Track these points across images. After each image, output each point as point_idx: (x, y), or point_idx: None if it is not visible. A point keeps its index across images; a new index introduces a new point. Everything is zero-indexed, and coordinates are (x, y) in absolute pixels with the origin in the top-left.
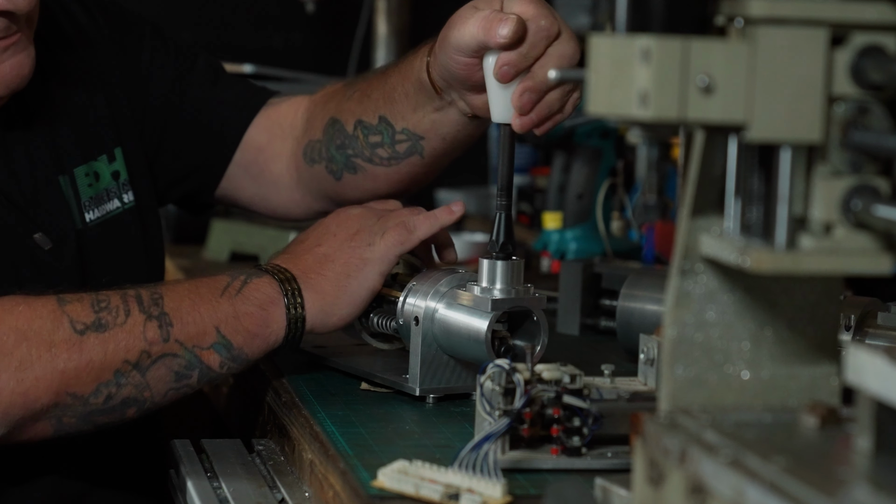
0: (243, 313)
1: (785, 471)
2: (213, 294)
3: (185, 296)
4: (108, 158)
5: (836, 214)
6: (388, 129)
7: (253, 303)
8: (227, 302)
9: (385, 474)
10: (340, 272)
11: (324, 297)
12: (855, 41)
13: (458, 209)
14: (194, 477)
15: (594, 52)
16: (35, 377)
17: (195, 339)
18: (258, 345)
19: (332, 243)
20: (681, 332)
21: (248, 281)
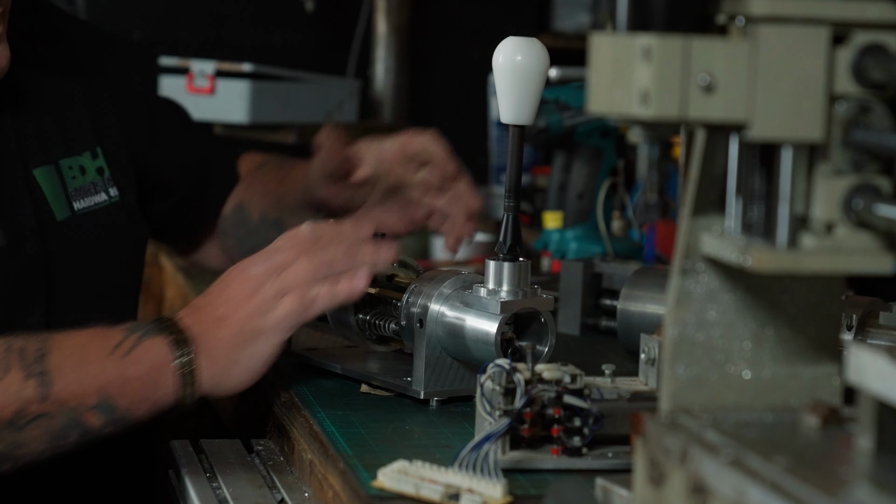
0: (130, 376)
1: (786, 470)
2: (101, 353)
3: (73, 353)
4: (91, 155)
5: (837, 214)
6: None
7: (142, 365)
8: (114, 363)
9: (385, 474)
10: (234, 340)
11: (216, 363)
12: (856, 40)
13: (360, 284)
14: (193, 477)
15: (595, 51)
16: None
17: (76, 400)
18: (145, 407)
19: (229, 305)
20: (682, 332)
21: (142, 340)
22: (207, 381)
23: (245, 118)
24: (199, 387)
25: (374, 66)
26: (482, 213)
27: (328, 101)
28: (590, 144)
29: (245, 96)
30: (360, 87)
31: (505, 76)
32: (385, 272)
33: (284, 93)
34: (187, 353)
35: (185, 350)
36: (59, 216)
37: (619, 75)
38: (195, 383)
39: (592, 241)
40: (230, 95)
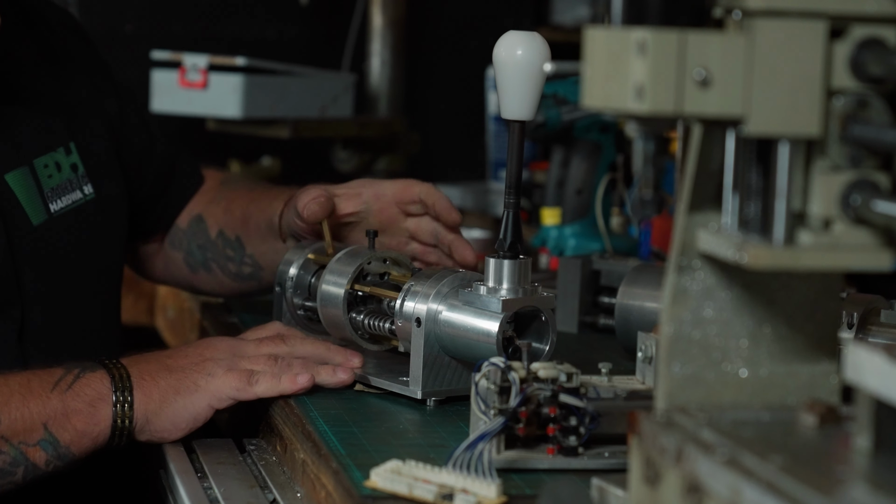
0: (72, 410)
1: (782, 470)
2: (43, 389)
3: (16, 390)
4: (65, 151)
5: (835, 210)
6: (241, 249)
7: (82, 399)
8: (57, 397)
9: (378, 474)
10: (171, 386)
11: (149, 402)
12: (854, 34)
13: (304, 382)
14: (184, 477)
15: (590, 45)
16: None
17: (22, 436)
18: (85, 444)
19: (180, 360)
20: (678, 330)
21: (81, 375)
22: (140, 418)
23: (238, 113)
24: (134, 424)
25: (370, 60)
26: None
27: (323, 95)
28: (588, 139)
29: (238, 90)
30: (355, 82)
31: (505, 71)
32: (378, 270)
33: (278, 87)
34: (126, 388)
35: (124, 385)
36: (36, 220)
37: (614, 69)
38: (131, 419)
39: (591, 237)
40: (223, 90)
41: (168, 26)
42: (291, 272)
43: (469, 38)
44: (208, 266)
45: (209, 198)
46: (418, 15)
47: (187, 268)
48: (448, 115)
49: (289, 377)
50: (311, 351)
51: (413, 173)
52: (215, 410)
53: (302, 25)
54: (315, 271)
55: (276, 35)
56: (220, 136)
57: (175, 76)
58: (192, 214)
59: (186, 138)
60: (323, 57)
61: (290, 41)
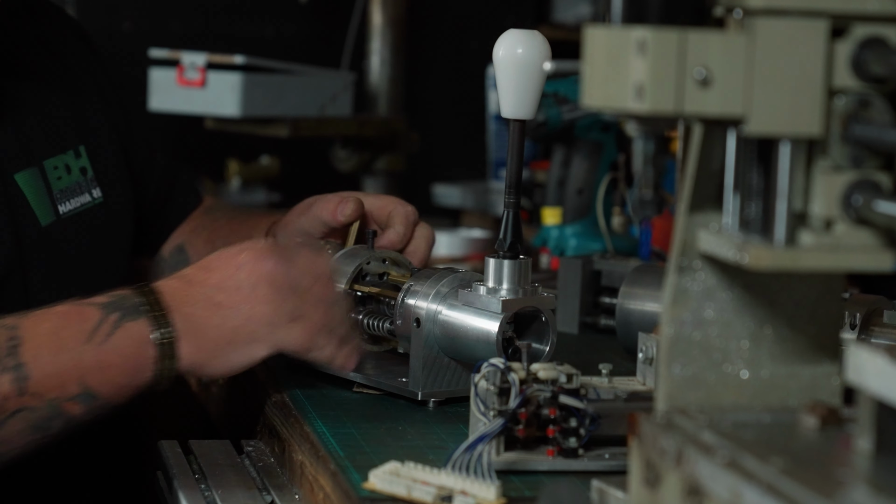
0: (109, 364)
1: (783, 472)
2: (77, 340)
3: (47, 341)
4: (75, 154)
5: (836, 210)
6: None
7: (122, 353)
8: (92, 351)
9: (376, 476)
10: (225, 338)
11: (199, 353)
12: (856, 33)
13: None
14: (182, 479)
15: (589, 44)
16: None
17: (56, 391)
18: (126, 393)
19: (232, 296)
20: (678, 331)
21: (121, 324)
22: (188, 364)
23: (236, 111)
24: (178, 369)
25: (369, 59)
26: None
27: (322, 94)
28: (589, 139)
29: (237, 89)
30: (354, 80)
31: (506, 70)
32: (377, 270)
33: (277, 86)
34: (168, 336)
35: (165, 332)
36: (44, 221)
37: (614, 69)
38: (174, 367)
39: (592, 237)
40: (221, 88)
41: (166, 24)
42: None
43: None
44: None
45: (192, 226)
46: (418, 13)
47: None
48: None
49: (349, 356)
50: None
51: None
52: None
53: (301, 23)
54: None
55: (275, 33)
56: (219, 135)
57: (173, 75)
58: (175, 244)
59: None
60: (322, 55)
61: (289, 39)
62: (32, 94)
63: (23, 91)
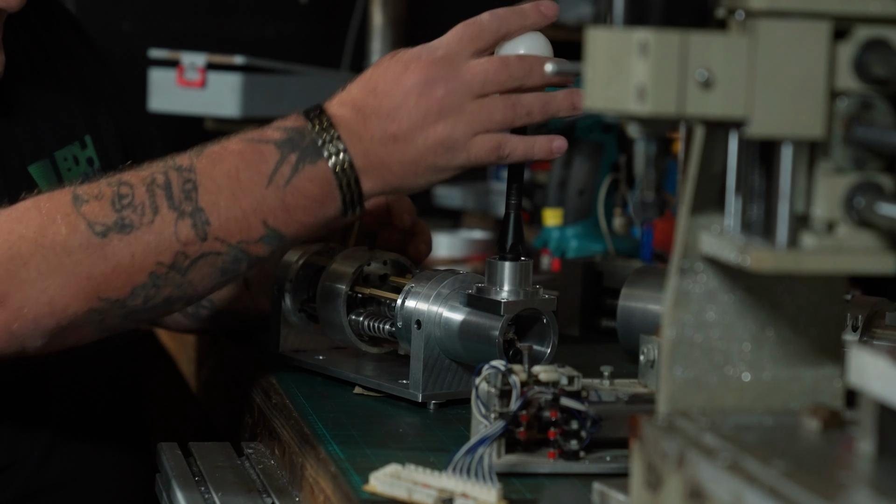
0: (294, 206)
1: (784, 475)
2: (256, 184)
3: (224, 185)
4: (80, 145)
5: (838, 212)
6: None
7: (305, 195)
8: (273, 194)
9: (377, 478)
10: (408, 168)
11: (385, 185)
12: (858, 34)
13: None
14: (181, 481)
15: (591, 46)
16: (59, 285)
17: (240, 235)
18: (315, 230)
19: (405, 123)
20: (680, 333)
21: (301, 167)
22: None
23: (237, 112)
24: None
25: (370, 59)
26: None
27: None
28: (591, 139)
29: (237, 90)
30: None
31: None
32: (377, 272)
33: (277, 86)
34: (352, 180)
35: (349, 176)
36: None
37: (616, 71)
38: (360, 198)
39: (593, 238)
40: (221, 89)
41: (166, 25)
42: (291, 274)
43: None
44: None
45: None
46: (419, 14)
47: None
48: None
49: (542, 148)
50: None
51: None
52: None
53: (301, 24)
54: (315, 273)
55: (275, 34)
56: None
57: (173, 75)
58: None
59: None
60: (322, 56)
61: (289, 40)
62: (42, 93)
63: (32, 90)
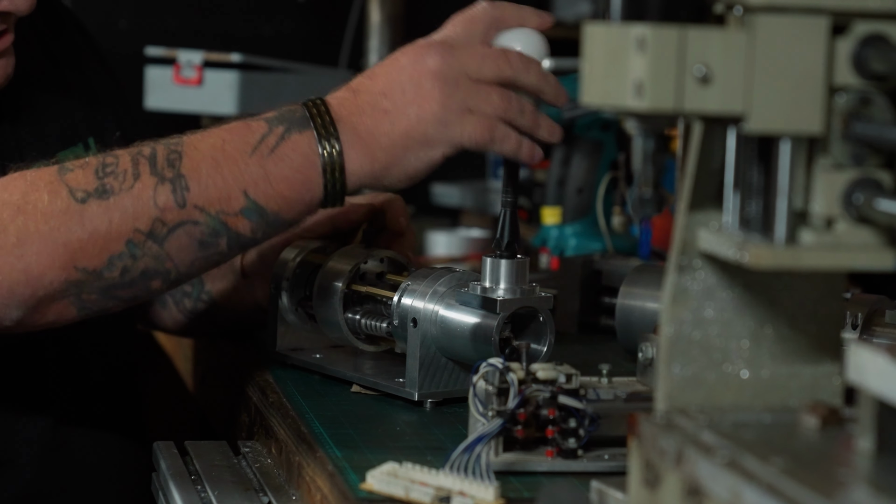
0: (276, 177)
1: (783, 472)
2: (241, 152)
3: (208, 154)
4: (84, 147)
5: (837, 208)
6: (199, 285)
7: (288, 165)
8: (256, 163)
9: (374, 477)
10: (397, 141)
11: (373, 163)
12: (857, 30)
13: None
14: (177, 480)
15: (588, 42)
16: (35, 252)
17: (219, 204)
18: (297, 209)
19: (398, 100)
20: (678, 330)
21: (287, 136)
22: (362, 175)
23: (234, 110)
24: (350, 182)
25: (368, 57)
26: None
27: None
28: (589, 137)
29: (234, 88)
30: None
31: None
32: (374, 269)
33: (274, 84)
34: (335, 147)
35: (331, 143)
36: None
37: (613, 66)
38: (343, 181)
39: (592, 237)
40: (218, 87)
41: (162, 22)
42: (287, 272)
43: None
44: (163, 301)
45: None
46: (416, 12)
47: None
48: None
49: (528, 149)
50: (535, 82)
51: None
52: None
53: (299, 21)
54: (311, 271)
55: (273, 31)
56: None
57: (169, 73)
58: None
59: None
60: (320, 53)
61: (286, 37)
62: (48, 98)
63: (40, 95)
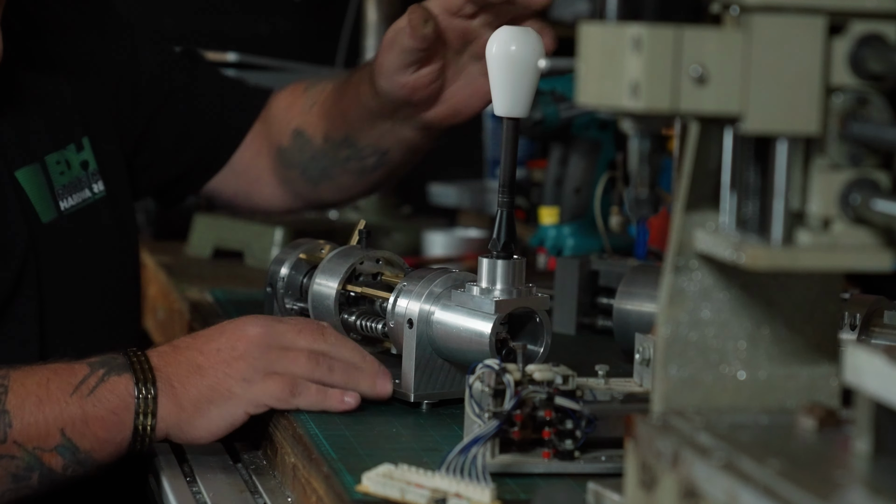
0: (93, 417)
1: (779, 474)
2: (63, 392)
3: (33, 392)
4: (77, 147)
5: (834, 209)
6: (353, 145)
7: (105, 406)
8: (76, 403)
9: (370, 478)
10: (203, 395)
11: (180, 412)
12: (854, 30)
13: (351, 403)
14: (173, 482)
15: (584, 41)
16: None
17: (36, 441)
18: (109, 450)
19: (211, 357)
20: (675, 331)
21: (106, 379)
22: (169, 423)
23: None
24: (158, 429)
25: (364, 56)
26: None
27: None
28: (587, 137)
29: None
30: None
31: (499, 67)
32: (370, 270)
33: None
34: (150, 392)
35: (148, 388)
36: (45, 218)
37: (609, 66)
38: (153, 428)
39: (590, 237)
40: None
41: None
42: (283, 272)
43: None
44: (328, 174)
45: (300, 109)
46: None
47: (308, 183)
48: None
49: (336, 396)
50: (349, 356)
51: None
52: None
53: (295, 20)
54: (307, 271)
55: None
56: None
57: None
58: (290, 130)
59: None
60: (317, 52)
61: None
62: (36, 84)
63: (26, 80)
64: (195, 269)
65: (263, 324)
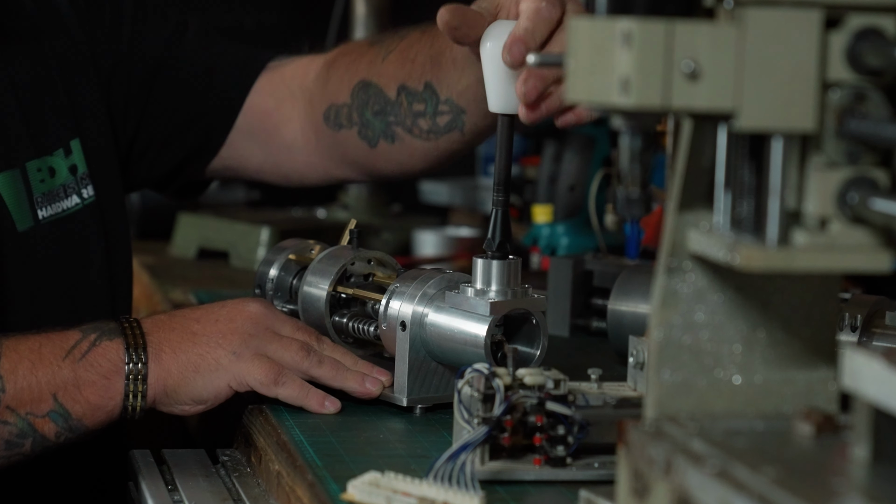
0: (84, 381)
1: (775, 482)
2: (55, 356)
3: (25, 356)
4: (65, 152)
5: (831, 208)
6: (433, 97)
7: (96, 370)
8: (68, 367)
9: (355, 487)
10: (192, 362)
11: (168, 377)
12: (851, 23)
13: (331, 408)
14: (153, 489)
15: (573, 36)
16: None
17: (29, 406)
18: (99, 417)
19: (208, 327)
20: (668, 335)
21: (98, 343)
22: (157, 389)
23: None
24: (148, 396)
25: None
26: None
27: None
28: (581, 133)
29: None
30: None
31: (493, 63)
32: (362, 271)
33: None
34: (141, 358)
35: (139, 355)
36: (21, 226)
37: (599, 62)
38: (144, 395)
39: (584, 235)
40: None
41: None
42: (272, 274)
43: None
44: (391, 133)
45: (368, 61)
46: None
47: (364, 143)
48: None
49: (316, 398)
50: (340, 357)
51: None
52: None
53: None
54: (296, 273)
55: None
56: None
57: None
58: (351, 84)
59: None
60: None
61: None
62: (23, 86)
63: (13, 83)
64: (179, 270)
65: (265, 305)
